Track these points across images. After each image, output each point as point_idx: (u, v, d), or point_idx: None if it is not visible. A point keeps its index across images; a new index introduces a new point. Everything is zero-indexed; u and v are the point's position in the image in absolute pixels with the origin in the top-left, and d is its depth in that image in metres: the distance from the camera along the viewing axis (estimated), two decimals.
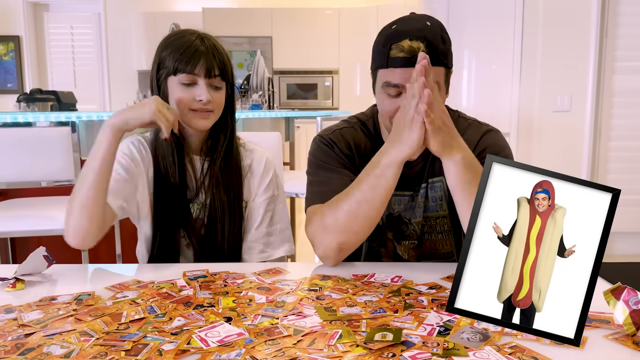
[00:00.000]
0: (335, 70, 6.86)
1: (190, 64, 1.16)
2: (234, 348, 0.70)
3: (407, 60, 1.04)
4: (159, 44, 1.24)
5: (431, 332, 0.75)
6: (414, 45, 1.04)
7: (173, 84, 1.19)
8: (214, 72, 1.18)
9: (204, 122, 1.21)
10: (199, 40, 1.19)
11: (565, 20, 3.47)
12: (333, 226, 1.07)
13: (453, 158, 1.00)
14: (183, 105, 1.19)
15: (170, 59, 1.18)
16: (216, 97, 1.21)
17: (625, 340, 0.74)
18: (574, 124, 3.54)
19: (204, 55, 1.17)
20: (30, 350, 0.70)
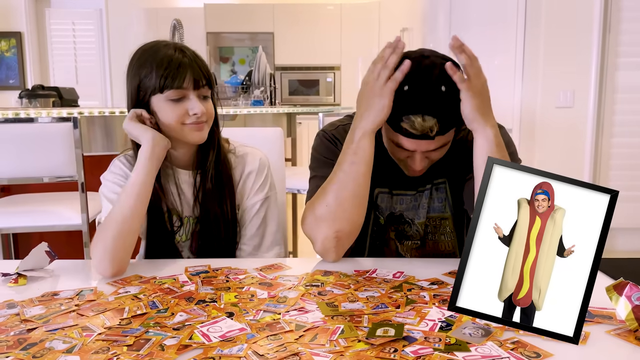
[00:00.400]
0: (337, 66, 6.84)
1: (178, 79, 1.11)
2: (235, 343, 0.70)
3: (416, 136, 1.02)
4: (131, 62, 1.18)
5: (433, 327, 0.75)
6: (426, 126, 1.00)
7: (160, 101, 1.14)
8: (202, 82, 1.15)
9: (199, 134, 1.17)
10: (179, 52, 1.14)
11: (567, 16, 3.46)
12: (325, 215, 1.07)
13: (486, 133, 1.00)
14: (175, 123, 1.15)
15: (152, 77, 1.12)
16: (208, 106, 1.17)
17: (628, 335, 0.74)
18: (576, 120, 3.53)
19: (189, 67, 1.13)
20: (33, 345, 0.70)
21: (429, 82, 1.00)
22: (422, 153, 1.08)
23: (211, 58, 6.78)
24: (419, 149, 1.06)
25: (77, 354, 0.68)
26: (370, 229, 1.24)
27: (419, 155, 1.09)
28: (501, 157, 1.01)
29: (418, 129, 1.00)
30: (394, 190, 1.23)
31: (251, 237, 1.27)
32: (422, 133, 1.01)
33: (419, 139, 1.03)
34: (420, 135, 1.02)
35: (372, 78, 1.03)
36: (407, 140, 1.05)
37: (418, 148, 1.06)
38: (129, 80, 1.18)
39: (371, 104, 1.03)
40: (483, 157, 1.01)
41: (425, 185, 1.22)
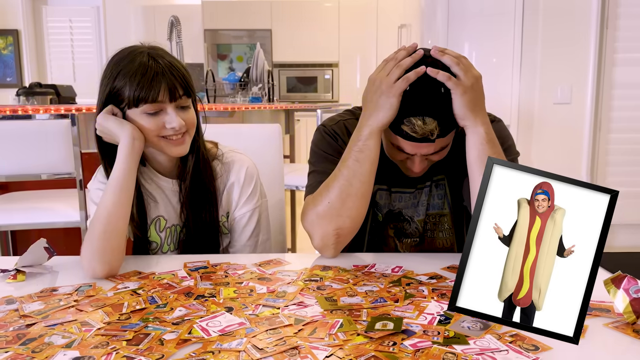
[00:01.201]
0: (335, 63, 6.84)
1: (152, 92, 1.05)
2: (235, 337, 0.70)
3: (417, 139, 1.02)
4: (106, 70, 1.11)
5: (432, 321, 0.76)
6: (427, 129, 0.99)
7: (136, 115, 1.08)
8: (179, 93, 1.09)
9: (180, 148, 1.13)
10: (152, 60, 1.07)
11: (565, 12, 3.46)
12: (327, 211, 1.07)
13: (477, 130, 1.00)
14: (153, 137, 1.10)
15: (126, 90, 1.06)
16: (187, 117, 1.12)
17: (626, 328, 0.74)
18: (574, 116, 3.53)
19: (163, 78, 1.06)
20: (32, 340, 0.71)
21: (428, 84, 0.99)
22: (421, 156, 1.08)
23: (209, 55, 6.77)
24: (419, 152, 1.06)
25: (77, 348, 0.68)
26: (368, 226, 1.24)
27: (418, 158, 1.09)
28: (493, 153, 1.00)
29: (418, 131, 1.00)
30: (393, 188, 1.23)
31: (242, 247, 1.26)
32: (423, 136, 1.00)
33: (419, 142, 1.02)
34: (421, 138, 1.01)
35: (382, 75, 1.01)
36: (407, 143, 1.04)
37: (418, 151, 1.06)
38: (102, 87, 1.11)
39: (379, 103, 1.01)
40: (475, 155, 1.02)
41: (424, 182, 1.22)
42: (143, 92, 1.05)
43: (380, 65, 1.05)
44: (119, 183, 1.06)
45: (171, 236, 1.24)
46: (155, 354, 0.66)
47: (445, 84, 0.97)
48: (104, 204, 1.05)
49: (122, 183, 1.06)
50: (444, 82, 0.97)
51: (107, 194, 1.06)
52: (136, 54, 1.09)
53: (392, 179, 1.22)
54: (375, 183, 1.19)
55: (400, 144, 1.06)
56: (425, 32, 4.57)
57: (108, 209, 1.04)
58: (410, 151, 1.06)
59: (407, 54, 1.02)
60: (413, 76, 0.98)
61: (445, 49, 1.01)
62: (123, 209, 1.06)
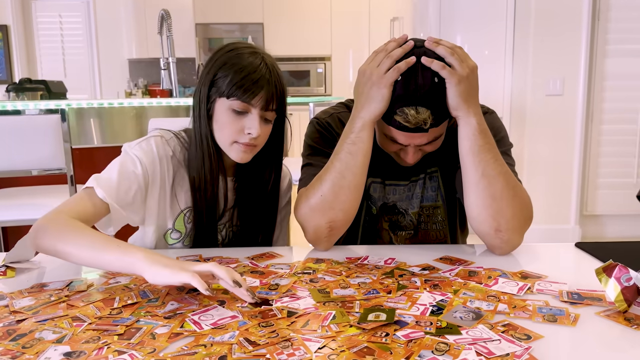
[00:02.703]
0: (327, 56, 6.81)
1: (250, 93, 1.03)
2: (227, 330, 0.70)
3: (410, 129, 1.01)
4: (213, 57, 1.09)
5: (424, 311, 0.76)
6: (420, 118, 0.98)
7: (222, 106, 1.07)
8: (272, 105, 1.07)
9: (244, 155, 1.10)
10: (264, 65, 1.06)
11: (557, 4, 3.46)
12: (320, 204, 1.06)
13: (470, 120, 1.00)
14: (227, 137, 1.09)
15: (226, 80, 1.04)
16: (265, 131, 1.09)
17: (617, 316, 0.74)
18: (566, 108, 3.54)
19: (266, 86, 1.04)
20: (22, 336, 0.70)
21: (421, 74, 0.98)
22: (415, 146, 1.07)
23: (200, 50, 6.73)
24: (413, 142, 1.05)
25: (67, 343, 0.67)
26: (362, 219, 1.24)
27: (412, 149, 1.08)
28: (485, 144, 1.00)
29: (412, 121, 0.99)
30: (387, 181, 1.23)
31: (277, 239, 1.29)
32: (416, 126, 0.99)
33: (412, 132, 1.02)
34: (414, 128, 1.00)
35: (372, 66, 1.01)
36: (400, 133, 1.03)
37: (412, 142, 1.05)
38: (205, 72, 1.09)
39: (370, 94, 1.01)
40: (467, 146, 1.01)
41: (418, 175, 1.22)
42: (242, 89, 1.03)
43: (371, 56, 1.04)
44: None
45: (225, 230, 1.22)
46: (147, 348, 0.66)
47: (440, 73, 0.97)
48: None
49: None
50: (438, 72, 0.97)
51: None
52: (246, 51, 1.08)
53: (386, 172, 1.22)
54: (369, 176, 1.19)
55: (393, 135, 1.05)
56: (418, 24, 4.56)
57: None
58: (404, 142, 1.06)
59: (397, 45, 1.01)
60: (404, 66, 0.98)
61: (440, 40, 1.01)
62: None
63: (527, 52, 3.53)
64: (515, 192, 1.02)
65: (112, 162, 1.09)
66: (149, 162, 1.09)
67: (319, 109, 2.65)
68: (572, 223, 3.63)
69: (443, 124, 1.04)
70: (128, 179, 1.07)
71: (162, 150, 1.12)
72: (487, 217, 1.02)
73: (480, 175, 1.00)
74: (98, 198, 1.02)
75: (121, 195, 1.05)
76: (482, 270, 0.94)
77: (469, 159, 1.01)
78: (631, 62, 3.51)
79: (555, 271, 0.93)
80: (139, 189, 1.08)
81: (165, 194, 1.14)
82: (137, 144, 1.11)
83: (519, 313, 0.75)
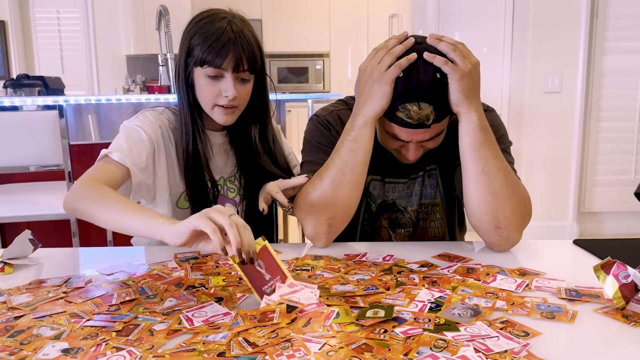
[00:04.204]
0: (326, 53, 6.80)
1: (218, 57, 1.09)
2: (219, 330, 0.70)
3: (412, 125, 1.00)
4: (187, 27, 1.15)
5: (422, 308, 0.76)
6: (422, 114, 0.97)
7: (200, 75, 1.13)
8: (243, 67, 1.11)
9: (227, 117, 1.16)
10: (230, 28, 1.11)
11: (555, 1, 3.45)
12: (320, 200, 1.06)
13: (471, 116, 0.99)
14: (208, 102, 1.15)
15: (198, 49, 1.11)
16: (242, 91, 1.15)
17: (615, 313, 0.75)
18: (564, 105, 3.54)
19: (232, 48, 1.09)
20: (20, 332, 0.70)
21: (423, 69, 0.98)
22: (416, 143, 1.07)
23: None
24: (415, 138, 1.05)
25: (66, 340, 0.67)
26: (361, 216, 1.24)
27: (413, 145, 1.07)
28: (486, 140, 1.00)
29: (414, 117, 0.98)
30: (386, 178, 1.22)
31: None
32: (419, 122, 0.99)
33: (415, 128, 1.01)
34: (417, 124, 0.99)
35: (373, 64, 1.01)
36: (402, 130, 1.03)
37: (414, 138, 1.05)
38: (181, 43, 1.16)
39: (372, 92, 1.01)
40: (468, 142, 1.01)
41: (417, 172, 1.22)
42: (211, 55, 1.09)
43: (371, 53, 1.03)
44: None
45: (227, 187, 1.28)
46: (145, 344, 0.66)
47: (442, 68, 0.97)
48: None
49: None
50: (441, 67, 0.97)
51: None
52: (217, 17, 1.14)
53: (386, 170, 1.22)
54: (369, 173, 1.19)
55: (395, 132, 1.05)
56: (416, 21, 4.55)
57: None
58: (406, 138, 1.05)
59: (397, 42, 1.01)
60: (405, 62, 0.97)
61: (442, 36, 1.00)
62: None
63: (526, 49, 3.53)
64: (515, 189, 1.02)
65: (116, 137, 1.15)
66: (150, 129, 1.16)
67: (317, 105, 2.64)
68: (570, 220, 3.64)
69: (445, 119, 1.04)
70: (137, 144, 1.13)
71: (159, 120, 1.20)
72: (486, 213, 1.02)
73: (480, 171, 1.00)
74: (117, 163, 1.08)
75: (135, 158, 1.11)
76: (481, 267, 0.94)
77: (469, 155, 1.01)
78: (629, 59, 3.52)
79: (553, 268, 0.94)
80: (149, 154, 1.15)
81: (172, 160, 1.20)
82: (134, 118, 1.19)
83: (517, 310, 0.75)
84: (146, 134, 1.15)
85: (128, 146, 1.11)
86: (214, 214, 0.79)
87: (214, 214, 0.79)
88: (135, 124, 1.16)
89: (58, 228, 2.18)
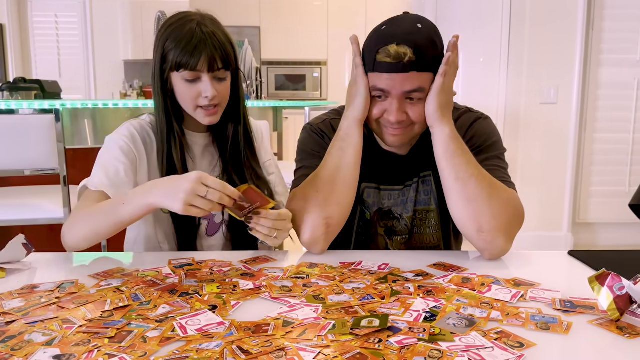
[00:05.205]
0: (323, 61, 6.83)
1: (192, 60, 1.10)
2: (212, 339, 0.69)
3: (393, 66, 1.03)
4: (159, 33, 1.16)
5: (417, 318, 0.75)
6: (400, 51, 1.01)
7: (177, 79, 1.14)
8: (217, 65, 1.12)
9: (211, 118, 1.17)
10: (199, 30, 1.11)
11: (552, 14, 3.48)
12: (315, 200, 1.09)
13: (443, 128, 1.06)
14: (189, 105, 1.16)
15: (172, 54, 1.12)
16: (221, 89, 1.15)
17: (610, 325, 0.75)
18: (560, 116, 3.56)
19: (204, 49, 1.10)
20: (11, 337, 0.69)
21: (405, 19, 1.06)
22: (398, 100, 1.06)
23: None
24: (395, 88, 1.04)
25: (57, 346, 0.67)
26: (356, 224, 1.24)
27: (396, 103, 1.06)
28: (457, 149, 1.05)
29: (392, 54, 1.02)
30: (382, 186, 1.23)
31: (282, 194, 1.32)
32: (397, 60, 1.02)
33: (393, 72, 1.03)
34: (395, 64, 1.02)
35: (353, 70, 1.11)
36: (382, 77, 1.05)
37: (394, 86, 1.04)
38: (154, 50, 1.16)
39: (352, 93, 1.11)
40: (441, 152, 1.07)
41: (412, 178, 1.22)
42: (184, 59, 1.10)
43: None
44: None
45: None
46: (138, 351, 0.65)
47: (436, 77, 1.05)
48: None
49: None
50: (437, 76, 1.05)
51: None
52: (186, 20, 1.14)
53: (380, 177, 1.22)
54: (363, 181, 1.20)
55: (375, 82, 1.06)
56: None
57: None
58: (385, 86, 1.05)
59: (352, 43, 1.10)
60: (358, 60, 1.08)
61: (456, 48, 1.07)
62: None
63: (522, 60, 3.55)
64: (492, 194, 1.04)
65: (95, 162, 1.18)
66: (128, 140, 1.17)
67: (314, 113, 2.65)
68: (565, 230, 3.64)
69: (426, 76, 1.05)
70: (111, 162, 1.14)
71: (140, 127, 1.21)
72: (467, 218, 1.05)
73: (454, 178, 1.05)
74: (95, 192, 1.10)
75: (112, 178, 1.12)
76: (476, 277, 0.94)
77: (443, 164, 1.07)
78: (624, 71, 3.54)
79: (548, 279, 0.94)
80: (126, 166, 1.15)
81: (154, 165, 1.20)
82: (115, 132, 1.21)
83: (512, 320, 0.75)
84: (121, 146, 1.16)
85: (104, 169, 1.13)
86: (197, 202, 0.90)
87: (197, 202, 0.90)
88: (112, 138, 1.18)
89: (52, 232, 2.17)
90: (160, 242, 1.23)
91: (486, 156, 1.14)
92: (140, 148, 1.19)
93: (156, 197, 0.95)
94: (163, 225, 1.22)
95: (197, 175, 0.91)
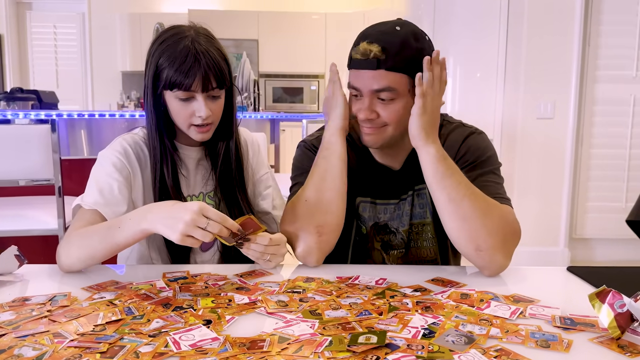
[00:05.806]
0: (321, 74, 6.85)
1: (187, 80, 1.08)
2: (206, 354, 0.68)
3: (362, 62, 1.05)
4: (151, 48, 1.14)
5: (416, 334, 0.74)
6: (368, 48, 1.04)
7: (170, 98, 1.13)
8: (212, 85, 1.11)
9: (203, 135, 1.16)
10: (193, 48, 1.09)
11: (548, 30, 3.51)
12: (305, 210, 1.10)
13: (428, 149, 1.05)
14: (183, 122, 1.15)
15: (165, 72, 1.09)
16: (215, 107, 1.14)
17: (610, 343, 0.73)
18: (556, 132, 3.57)
19: (199, 69, 1.08)
20: (1, 352, 0.67)
21: (387, 23, 1.08)
22: (368, 98, 1.08)
23: None
24: (364, 85, 1.07)
25: None
26: (352, 239, 1.23)
27: (366, 99, 1.08)
28: (446, 170, 1.04)
29: (361, 51, 1.05)
30: (377, 200, 1.22)
31: (280, 207, 1.30)
32: (365, 57, 1.04)
33: (363, 68, 1.06)
34: (364, 61, 1.04)
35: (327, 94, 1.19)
36: (353, 74, 1.08)
37: (363, 84, 1.07)
38: (146, 65, 1.14)
39: (331, 105, 1.17)
40: (430, 174, 1.06)
41: (407, 192, 1.21)
42: (179, 79, 1.08)
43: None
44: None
45: None
46: None
47: (415, 99, 1.05)
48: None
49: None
50: (415, 98, 1.05)
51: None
52: (180, 35, 1.12)
53: (375, 191, 1.22)
54: (358, 195, 1.19)
55: (350, 80, 1.10)
56: None
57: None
58: (356, 82, 1.09)
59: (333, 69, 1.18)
60: (335, 76, 1.17)
61: (444, 65, 1.08)
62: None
63: (519, 75, 3.57)
64: (486, 212, 1.03)
65: (89, 180, 1.15)
66: (121, 156, 1.15)
67: (312, 125, 2.65)
68: (562, 246, 3.63)
69: (395, 77, 1.05)
70: (105, 180, 1.12)
71: (133, 142, 1.19)
72: (464, 238, 1.04)
73: (446, 200, 1.04)
74: (89, 212, 1.08)
75: (106, 196, 1.10)
76: (475, 293, 0.93)
77: (433, 187, 1.06)
78: (620, 88, 3.56)
79: (547, 295, 0.92)
80: (120, 183, 1.13)
81: (147, 179, 1.18)
82: (108, 147, 1.18)
83: (512, 338, 0.74)
84: (114, 163, 1.14)
85: (98, 187, 1.11)
86: (196, 233, 0.89)
87: (196, 233, 0.89)
88: (104, 155, 1.16)
89: (46, 244, 2.15)
90: (154, 259, 1.21)
91: (481, 171, 1.13)
92: (134, 164, 1.17)
93: (154, 223, 0.93)
94: (156, 241, 1.20)
95: (199, 206, 0.89)
